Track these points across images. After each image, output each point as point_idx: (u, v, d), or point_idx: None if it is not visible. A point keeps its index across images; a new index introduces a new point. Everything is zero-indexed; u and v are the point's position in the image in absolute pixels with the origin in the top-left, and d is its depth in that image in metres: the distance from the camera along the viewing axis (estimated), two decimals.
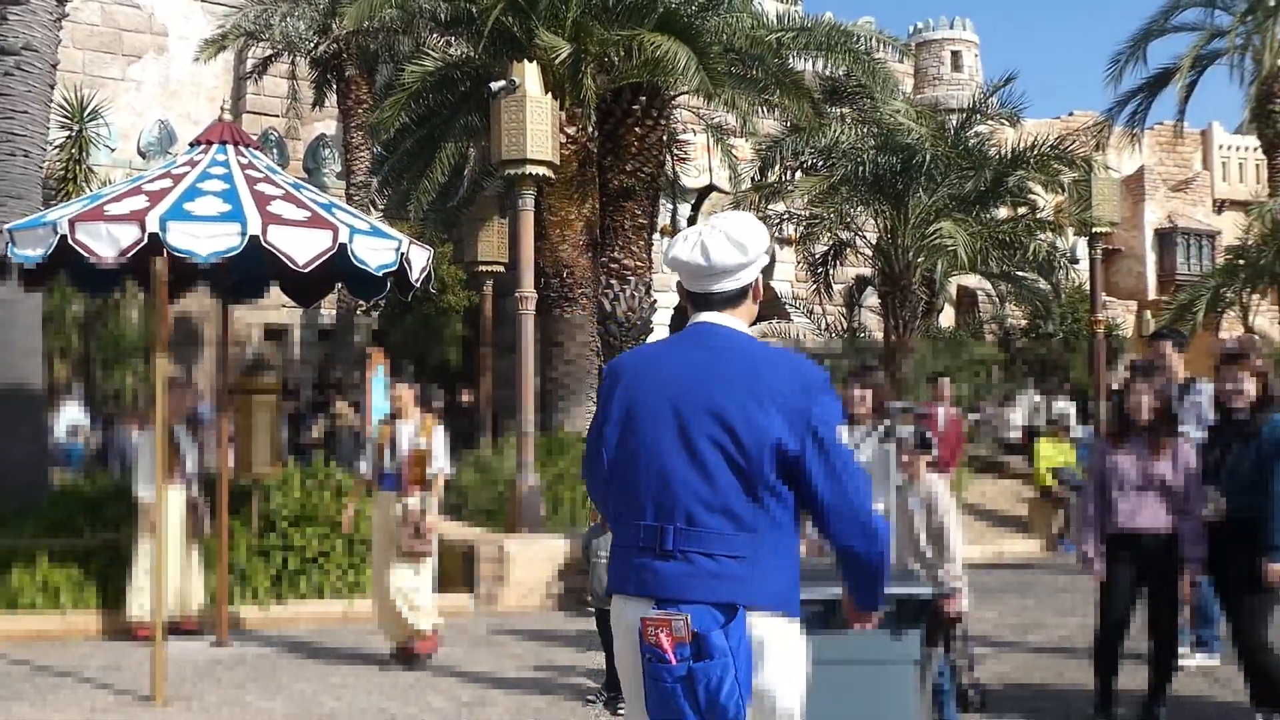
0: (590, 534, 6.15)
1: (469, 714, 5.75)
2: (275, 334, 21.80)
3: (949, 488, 5.18)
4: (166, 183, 6.71)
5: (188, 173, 6.83)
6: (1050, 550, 12.54)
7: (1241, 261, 20.18)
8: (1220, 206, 32.75)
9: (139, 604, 7.48)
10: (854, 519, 2.53)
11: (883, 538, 2.59)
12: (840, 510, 2.52)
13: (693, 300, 2.68)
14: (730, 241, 2.59)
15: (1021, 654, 7.00)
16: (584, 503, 9.20)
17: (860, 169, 14.03)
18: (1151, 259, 31.82)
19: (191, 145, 7.32)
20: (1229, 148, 33.44)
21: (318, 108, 20.28)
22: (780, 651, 2.52)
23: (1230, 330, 25.91)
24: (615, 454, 2.62)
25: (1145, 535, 5.16)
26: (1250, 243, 20.63)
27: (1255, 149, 28.61)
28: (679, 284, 2.71)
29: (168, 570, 6.89)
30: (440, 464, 6.96)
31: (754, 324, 2.75)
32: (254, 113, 21.98)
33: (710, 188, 21.99)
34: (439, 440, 6.97)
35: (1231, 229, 29.66)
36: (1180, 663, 6.32)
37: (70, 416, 13.83)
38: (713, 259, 2.59)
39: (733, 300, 2.63)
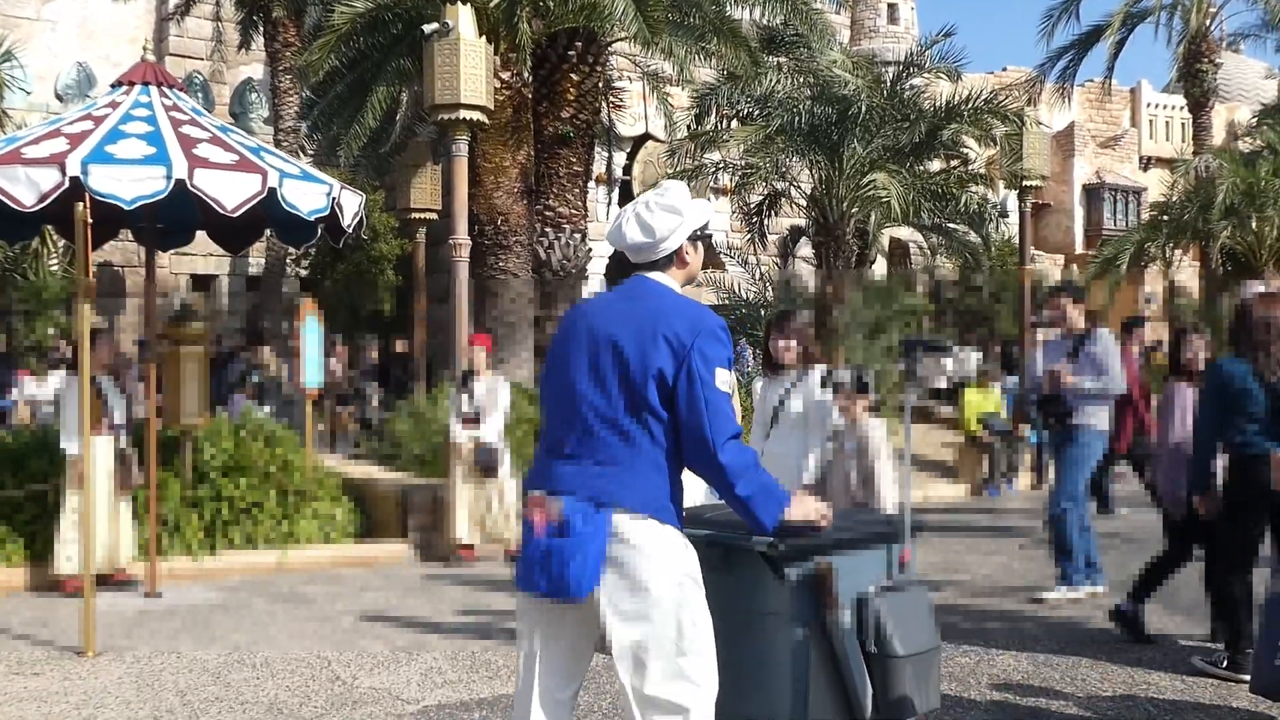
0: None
1: (406, 658, 5.78)
2: (203, 283, 21.38)
3: (885, 432, 5.26)
4: (87, 125, 6.52)
5: (109, 114, 6.64)
6: (975, 495, 12.86)
7: (1165, 218, 20.61)
8: (1147, 163, 33.35)
9: (66, 557, 7.35)
10: (702, 445, 2.83)
11: (731, 470, 2.84)
12: (693, 435, 2.83)
13: (635, 268, 3.09)
14: (639, 223, 3.00)
15: (946, 593, 7.19)
16: (519, 449, 9.19)
17: (796, 119, 14.04)
18: (1079, 214, 32.39)
19: (113, 86, 7.11)
20: (1156, 106, 34.01)
21: (244, 50, 19.74)
22: (647, 547, 2.83)
23: (1152, 285, 26.56)
24: (549, 380, 3.06)
25: None
26: (1174, 199, 21.07)
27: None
28: None
29: (96, 522, 6.79)
30: None
31: (690, 281, 3.11)
32: (177, 55, 21.33)
33: (646, 136, 21.91)
34: None
35: (1157, 185, 30.25)
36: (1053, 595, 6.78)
37: None
38: (628, 239, 3.01)
39: (659, 265, 3.03)
